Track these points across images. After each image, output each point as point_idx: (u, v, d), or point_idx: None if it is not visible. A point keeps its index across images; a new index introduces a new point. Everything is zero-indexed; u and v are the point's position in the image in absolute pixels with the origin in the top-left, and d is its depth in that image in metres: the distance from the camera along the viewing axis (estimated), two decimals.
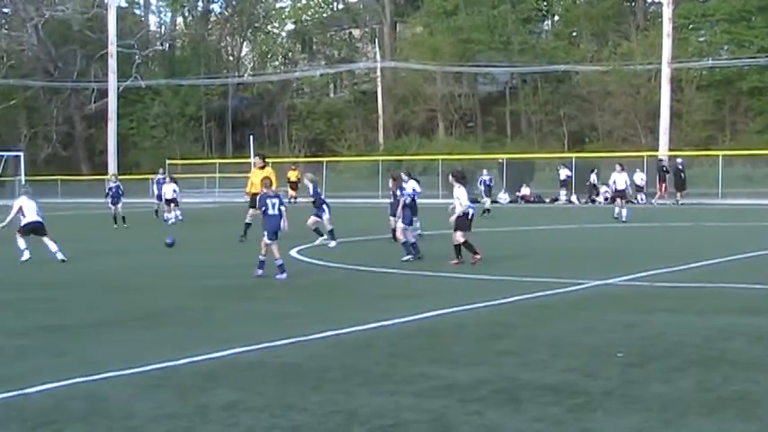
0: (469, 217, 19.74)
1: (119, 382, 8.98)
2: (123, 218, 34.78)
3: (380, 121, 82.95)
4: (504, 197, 54.08)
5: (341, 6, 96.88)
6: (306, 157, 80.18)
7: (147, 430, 7.35)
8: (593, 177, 53.44)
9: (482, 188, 45.66)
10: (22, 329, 12.09)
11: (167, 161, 75.33)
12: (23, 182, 68.59)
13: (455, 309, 13.39)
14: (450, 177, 20.60)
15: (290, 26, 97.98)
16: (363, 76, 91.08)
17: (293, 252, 22.30)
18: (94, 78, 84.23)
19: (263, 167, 27.20)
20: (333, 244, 24.61)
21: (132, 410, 7.91)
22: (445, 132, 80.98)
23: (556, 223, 34.74)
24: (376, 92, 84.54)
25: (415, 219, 23.54)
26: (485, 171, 48.45)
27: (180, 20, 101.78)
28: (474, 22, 78.35)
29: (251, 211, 26.07)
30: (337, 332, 11.53)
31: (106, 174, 74.95)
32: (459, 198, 19.77)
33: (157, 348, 10.65)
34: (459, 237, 19.55)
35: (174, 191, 38.90)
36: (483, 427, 7.39)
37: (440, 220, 33.86)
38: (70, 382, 8.94)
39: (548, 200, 54.88)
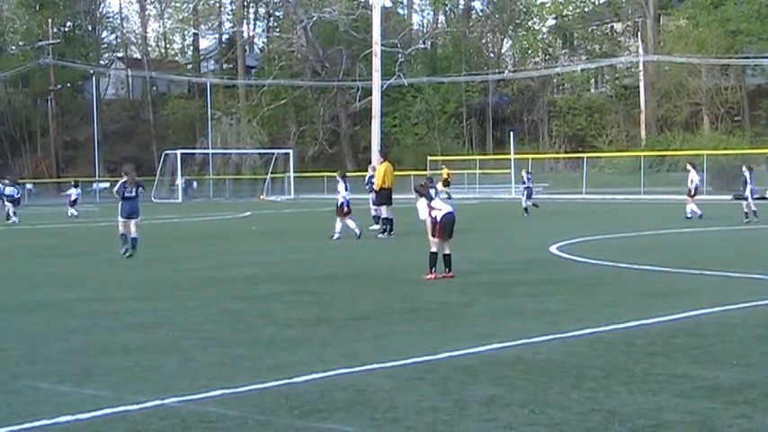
0: (439, 221, 17.03)
1: (380, 374, 9.17)
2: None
3: (642, 116, 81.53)
4: None
5: (602, 0, 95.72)
6: (566, 152, 79.83)
7: (408, 422, 7.48)
8: None
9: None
10: (290, 321, 12.55)
11: (428, 157, 76.60)
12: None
13: (719, 308, 12.98)
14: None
15: (550, 21, 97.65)
16: (625, 70, 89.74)
17: (553, 249, 22.19)
18: (359, 77, 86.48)
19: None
20: None
21: (394, 402, 8.07)
22: (710, 127, 78.78)
23: None
24: (638, 86, 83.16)
25: None
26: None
27: (442, 18, 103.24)
28: (743, 12, 75.88)
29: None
30: (597, 329, 11.42)
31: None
32: (419, 210, 17.39)
33: (417, 342, 10.83)
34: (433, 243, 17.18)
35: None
36: None
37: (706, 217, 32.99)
38: (334, 372, 9.20)
39: None
